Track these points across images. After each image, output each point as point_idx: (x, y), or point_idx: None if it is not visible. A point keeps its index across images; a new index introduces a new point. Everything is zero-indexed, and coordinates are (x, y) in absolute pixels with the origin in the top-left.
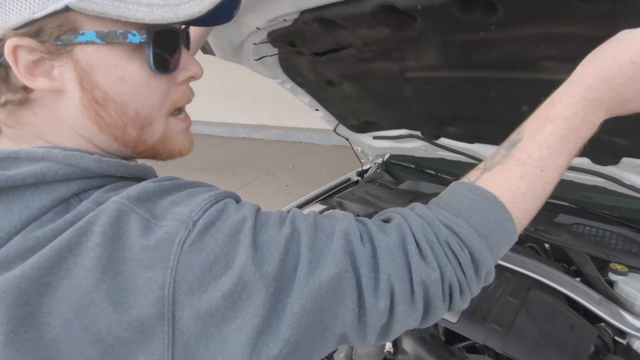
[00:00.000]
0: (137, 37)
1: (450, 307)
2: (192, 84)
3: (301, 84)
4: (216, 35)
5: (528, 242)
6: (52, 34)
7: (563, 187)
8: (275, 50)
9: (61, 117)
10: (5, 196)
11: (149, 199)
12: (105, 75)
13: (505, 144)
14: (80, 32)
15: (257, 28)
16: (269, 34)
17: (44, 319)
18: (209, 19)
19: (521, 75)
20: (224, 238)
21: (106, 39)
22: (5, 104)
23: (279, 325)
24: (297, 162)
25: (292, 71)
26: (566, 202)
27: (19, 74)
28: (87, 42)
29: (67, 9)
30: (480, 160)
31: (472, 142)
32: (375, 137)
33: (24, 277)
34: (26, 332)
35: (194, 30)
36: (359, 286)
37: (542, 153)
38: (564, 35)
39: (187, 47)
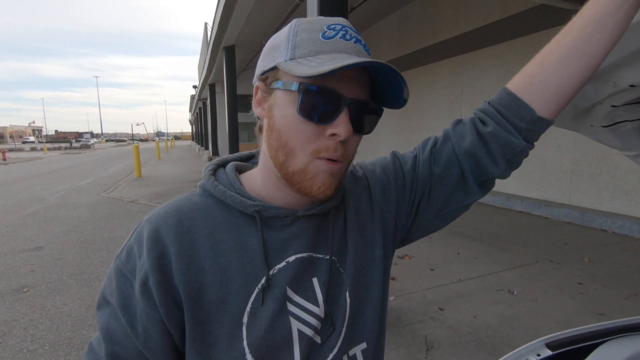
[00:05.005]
0: (294, 86)
1: None
2: None
3: None
4: None
5: None
6: (267, 80)
7: None
8: None
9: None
10: None
11: None
12: (277, 110)
13: None
14: (278, 81)
15: (632, 85)
16: None
17: None
18: (388, 101)
19: None
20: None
21: (284, 86)
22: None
23: None
24: (598, 255)
25: None
26: None
27: None
28: (277, 88)
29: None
30: None
31: None
32: None
33: None
34: None
35: None
36: None
37: None
38: None
39: (357, 116)
